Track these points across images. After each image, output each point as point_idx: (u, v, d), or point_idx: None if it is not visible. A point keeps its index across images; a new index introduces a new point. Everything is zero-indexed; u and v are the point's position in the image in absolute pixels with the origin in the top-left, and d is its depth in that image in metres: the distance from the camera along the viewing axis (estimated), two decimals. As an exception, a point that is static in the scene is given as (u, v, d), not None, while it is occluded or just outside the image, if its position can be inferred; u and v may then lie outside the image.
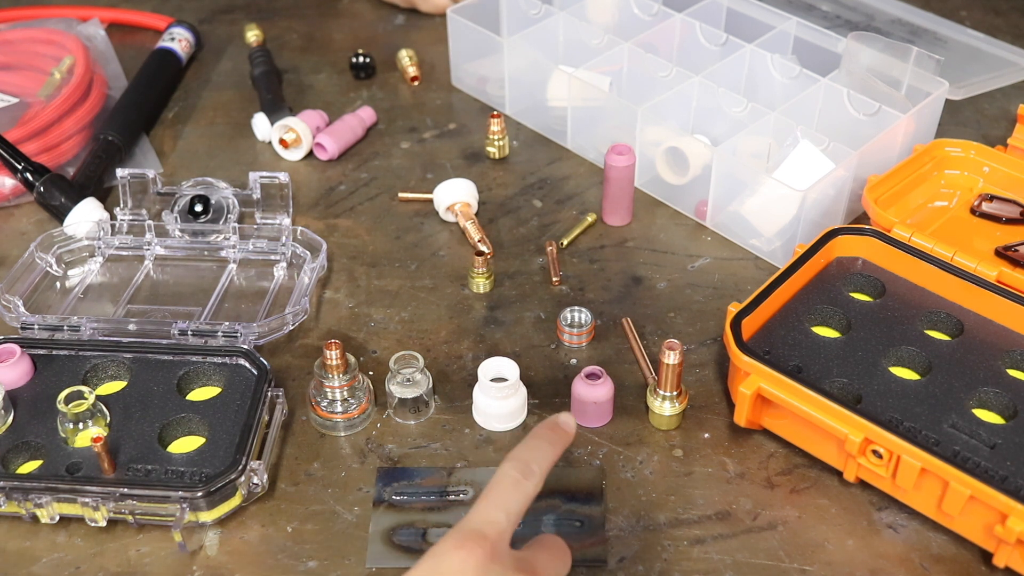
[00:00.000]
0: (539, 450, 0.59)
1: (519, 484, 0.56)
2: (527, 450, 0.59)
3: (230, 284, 0.84)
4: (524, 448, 0.59)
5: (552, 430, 0.60)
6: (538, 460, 0.58)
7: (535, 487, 0.57)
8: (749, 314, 0.71)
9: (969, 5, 1.17)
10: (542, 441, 0.59)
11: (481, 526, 0.54)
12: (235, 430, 0.69)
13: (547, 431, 0.60)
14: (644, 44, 0.97)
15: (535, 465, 0.58)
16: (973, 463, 0.65)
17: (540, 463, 0.58)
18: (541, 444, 0.59)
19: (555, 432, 0.60)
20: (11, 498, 0.65)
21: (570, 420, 0.62)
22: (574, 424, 0.62)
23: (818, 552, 0.65)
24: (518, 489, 0.56)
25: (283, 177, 0.86)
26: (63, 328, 0.76)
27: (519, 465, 0.57)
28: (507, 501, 0.56)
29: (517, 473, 0.57)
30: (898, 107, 0.87)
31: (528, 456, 0.58)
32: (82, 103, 0.97)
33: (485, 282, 0.83)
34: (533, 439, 0.60)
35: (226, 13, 1.19)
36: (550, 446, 0.59)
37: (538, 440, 0.59)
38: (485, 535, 0.54)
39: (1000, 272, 0.75)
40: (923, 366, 0.72)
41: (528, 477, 0.57)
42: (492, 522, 0.54)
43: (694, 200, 0.89)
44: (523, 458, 0.58)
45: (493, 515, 0.55)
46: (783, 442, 0.71)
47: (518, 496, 0.56)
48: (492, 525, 0.54)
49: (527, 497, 0.57)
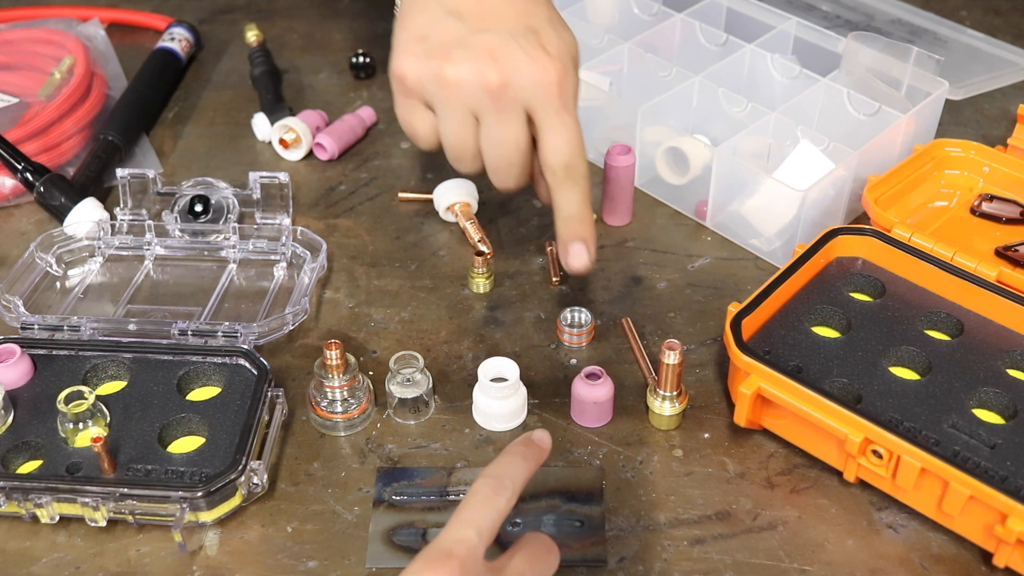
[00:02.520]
0: (512, 465, 0.58)
1: (490, 500, 0.56)
2: (499, 466, 0.58)
3: (230, 284, 0.84)
4: (497, 464, 0.59)
5: (527, 446, 0.60)
6: (511, 475, 0.58)
7: (508, 502, 0.57)
8: (749, 314, 0.71)
9: (969, 5, 1.17)
10: (515, 456, 0.59)
11: (451, 545, 0.54)
12: (235, 430, 0.69)
13: (521, 447, 0.60)
14: (644, 44, 0.97)
15: (508, 480, 0.57)
16: (973, 463, 0.65)
17: (513, 478, 0.58)
18: (515, 459, 0.59)
19: (529, 448, 0.60)
20: (11, 498, 0.65)
21: (545, 437, 0.62)
22: (549, 441, 0.62)
23: (818, 552, 0.65)
24: (489, 505, 0.56)
25: (283, 177, 0.86)
26: (63, 328, 0.77)
27: (491, 481, 0.57)
28: (478, 518, 0.55)
29: (489, 489, 0.56)
30: (898, 107, 0.87)
31: (501, 472, 0.58)
32: (82, 103, 0.97)
33: (485, 282, 0.83)
34: (506, 455, 0.59)
35: (226, 13, 1.19)
36: (524, 461, 0.59)
37: (511, 456, 0.59)
38: (453, 554, 0.53)
39: (1000, 272, 0.75)
40: (923, 366, 0.72)
41: (500, 492, 0.56)
42: (462, 540, 0.54)
43: (694, 200, 0.89)
44: (496, 474, 0.58)
45: (463, 533, 0.54)
46: (783, 442, 0.71)
47: (489, 512, 0.56)
48: (462, 544, 0.54)
49: (499, 513, 0.56)
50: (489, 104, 0.68)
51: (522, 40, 0.67)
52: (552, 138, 0.69)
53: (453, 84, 0.68)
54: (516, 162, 0.70)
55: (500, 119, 0.68)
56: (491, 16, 0.69)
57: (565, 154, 0.69)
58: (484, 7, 0.69)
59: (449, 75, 0.67)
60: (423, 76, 0.69)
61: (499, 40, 0.67)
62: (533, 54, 0.67)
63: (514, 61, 0.67)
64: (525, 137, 0.69)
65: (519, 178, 0.72)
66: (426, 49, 0.69)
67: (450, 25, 0.69)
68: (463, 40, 0.68)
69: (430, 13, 0.70)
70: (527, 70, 0.67)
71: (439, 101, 0.69)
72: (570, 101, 0.69)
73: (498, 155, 0.70)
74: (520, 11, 0.69)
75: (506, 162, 0.70)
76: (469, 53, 0.67)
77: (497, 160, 0.70)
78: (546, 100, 0.67)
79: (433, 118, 0.71)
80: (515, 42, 0.67)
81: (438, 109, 0.70)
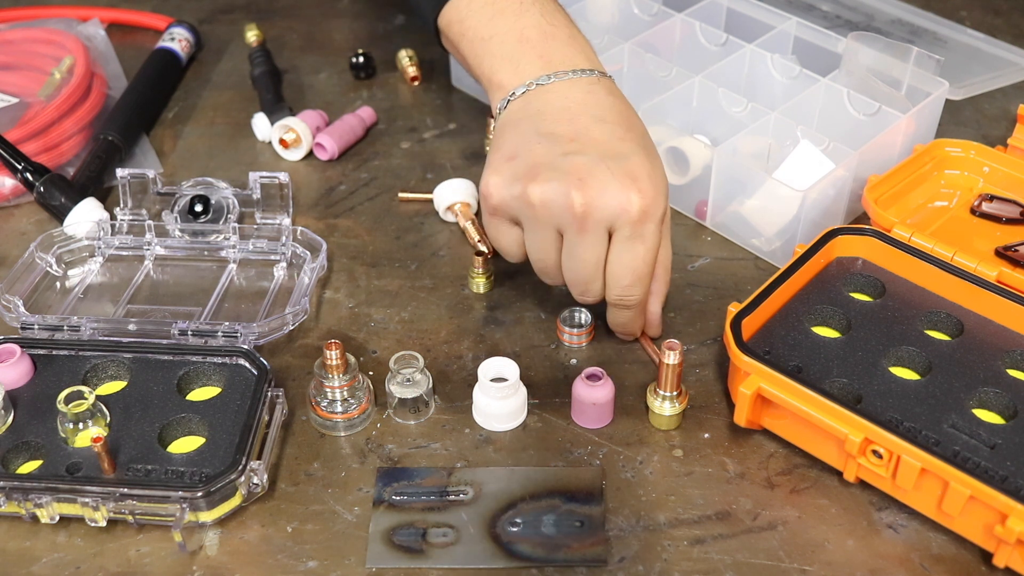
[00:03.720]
0: None
1: None
2: None
3: (230, 284, 0.84)
4: None
5: None
6: None
7: None
8: (749, 314, 0.71)
9: (969, 5, 1.17)
10: None
11: None
12: (235, 430, 0.69)
13: None
14: (644, 44, 0.97)
15: None
16: (973, 463, 0.65)
17: None
18: None
19: None
20: (11, 498, 0.65)
21: None
22: None
23: (818, 552, 0.65)
24: None
25: (283, 177, 0.86)
26: (63, 328, 0.77)
27: None
28: None
29: None
30: (898, 107, 0.87)
31: None
32: (82, 103, 0.97)
33: (485, 282, 0.83)
34: None
35: (226, 13, 1.19)
36: None
37: None
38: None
39: (1000, 272, 0.75)
40: (923, 366, 0.72)
41: None
42: None
43: (694, 200, 0.89)
44: None
45: None
46: (783, 442, 0.71)
47: None
48: None
49: None
50: (573, 225, 0.68)
51: (611, 163, 0.67)
52: (613, 261, 0.69)
53: (539, 204, 0.68)
54: (594, 279, 0.71)
55: (582, 240, 0.68)
56: (583, 139, 0.69)
57: (622, 278, 0.70)
58: (577, 129, 0.70)
59: (534, 196, 0.68)
60: (508, 196, 0.69)
61: (587, 162, 0.67)
62: (620, 178, 0.67)
63: (601, 184, 0.67)
64: (601, 256, 0.70)
65: (598, 294, 0.72)
66: (514, 169, 0.69)
67: (542, 146, 0.69)
68: (552, 162, 0.68)
69: (523, 135, 0.70)
70: (612, 194, 0.67)
71: (525, 219, 0.70)
72: (648, 228, 0.68)
73: (577, 271, 0.70)
74: (613, 136, 0.69)
75: (583, 278, 0.71)
76: (556, 174, 0.67)
77: (576, 276, 0.71)
78: (625, 224, 0.67)
79: (519, 233, 0.72)
80: (603, 164, 0.67)
81: (525, 226, 0.71)
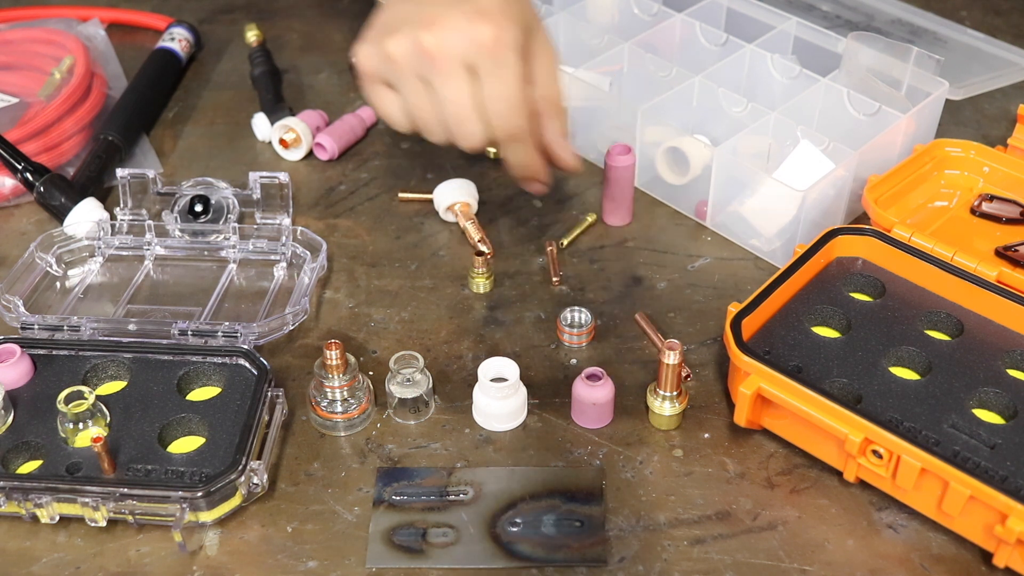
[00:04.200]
0: None
1: None
2: None
3: (230, 284, 0.84)
4: None
5: None
6: None
7: None
8: (749, 314, 0.71)
9: (969, 5, 1.17)
10: None
11: None
12: (235, 430, 0.69)
13: None
14: (644, 44, 0.97)
15: None
16: (973, 463, 0.65)
17: None
18: None
19: None
20: (11, 498, 0.65)
21: None
22: None
23: (818, 552, 0.65)
24: None
25: (283, 177, 0.86)
26: (63, 328, 0.77)
27: None
28: None
29: None
30: (898, 107, 0.87)
31: None
32: (82, 103, 0.97)
33: (485, 282, 0.83)
34: None
35: (226, 13, 1.19)
36: None
37: None
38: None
39: (1000, 272, 0.75)
40: (923, 366, 0.72)
41: None
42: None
43: (694, 200, 0.89)
44: None
45: None
46: (783, 442, 0.71)
47: None
48: None
49: None
50: (431, 68, 0.70)
51: (463, 5, 0.70)
52: (485, 97, 0.71)
53: (397, 56, 0.71)
54: (467, 119, 0.72)
55: (445, 81, 0.70)
56: None
57: (498, 110, 0.71)
58: None
59: (391, 48, 0.71)
60: (373, 57, 0.72)
61: (438, 10, 0.70)
62: (469, 15, 0.69)
63: (450, 23, 0.69)
64: (469, 94, 0.71)
65: (479, 136, 0.73)
66: (377, 32, 0.72)
67: (403, 9, 0.72)
68: (408, 18, 0.71)
69: (393, 9, 0.74)
70: (461, 29, 0.69)
71: (392, 77, 0.72)
72: (508, 56, 0.70)
73: (450, 115, 0.72)
74: None
75: (457, 120, 0.72)
76: (408, 26, 0.70)
77: (450, 120, 0.72)
78: (482, 57, 0.70)
79: (398, 97, 0.74)
80: (454, 8, 0.70)
81: (395, 85, 0.73)
